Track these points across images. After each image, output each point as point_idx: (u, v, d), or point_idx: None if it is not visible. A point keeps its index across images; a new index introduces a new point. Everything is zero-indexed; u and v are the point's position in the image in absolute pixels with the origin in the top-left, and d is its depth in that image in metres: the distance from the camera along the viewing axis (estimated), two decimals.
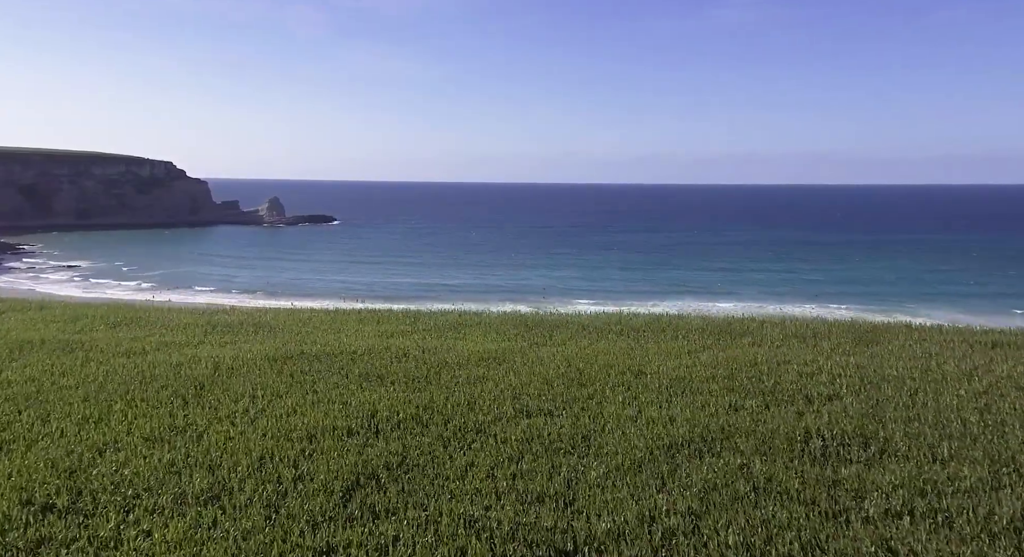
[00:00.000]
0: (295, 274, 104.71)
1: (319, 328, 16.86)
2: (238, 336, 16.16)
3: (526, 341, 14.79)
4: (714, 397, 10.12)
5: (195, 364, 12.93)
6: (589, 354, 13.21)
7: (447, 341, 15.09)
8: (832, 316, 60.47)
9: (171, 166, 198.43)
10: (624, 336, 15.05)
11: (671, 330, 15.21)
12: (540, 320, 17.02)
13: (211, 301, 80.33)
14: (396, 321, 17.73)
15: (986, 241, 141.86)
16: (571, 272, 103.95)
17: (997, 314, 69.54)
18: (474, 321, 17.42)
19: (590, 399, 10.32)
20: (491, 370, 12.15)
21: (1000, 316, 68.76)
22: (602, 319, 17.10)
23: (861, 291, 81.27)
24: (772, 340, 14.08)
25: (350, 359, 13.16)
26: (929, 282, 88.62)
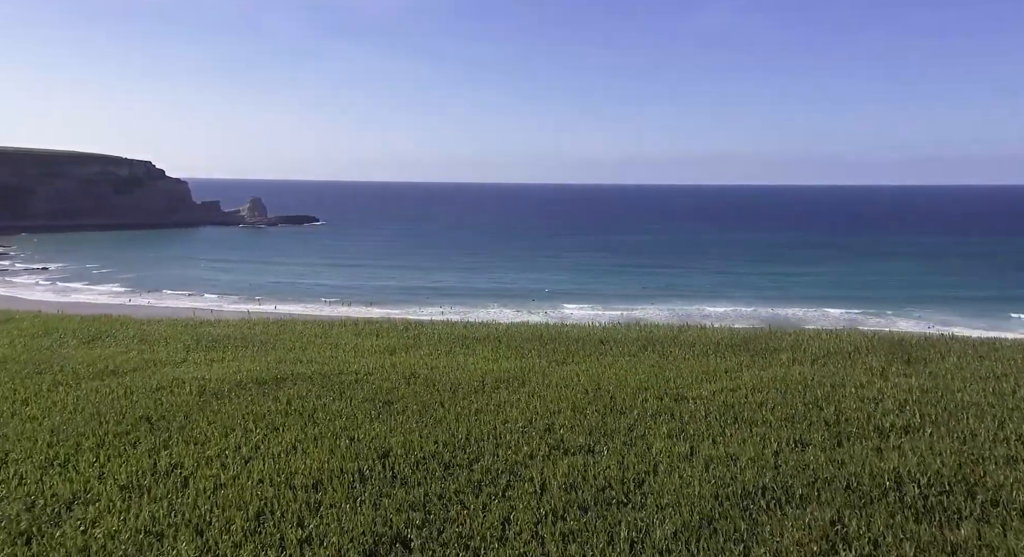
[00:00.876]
0: (278, 276, 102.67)
1: (313, 343, 15.53)
2: (225, 352, 14.79)
3: (543, 358, 13.58)
4: (773, 429, 8.95)
5: (178, 388, 11.56)
6: (616, 374, 12.03)
7: (456, 358, 13.84)
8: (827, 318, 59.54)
9: (150, 166, 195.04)
10: (649, 352, 13.89)
11: (700, 345, 14.06)
12: (554, 333, 15.79)
13: (192, 305, 78.27)
14: (396, 334, 16.44)
15: (978, 243, 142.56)
16: (559, 274, 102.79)
17: (993, 318, 69.43)
18: (482, 334, 16.18)
19: (631, 431, 9.11)
20: (512, 394, 10.92)
21: (996, 320, 68.59)
22: (620, 332, 15.92)
23: (854, 295, 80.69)
24: (812, 356, 12.98)
25: (352, 381, 11.86)
26: (922, 284, 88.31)
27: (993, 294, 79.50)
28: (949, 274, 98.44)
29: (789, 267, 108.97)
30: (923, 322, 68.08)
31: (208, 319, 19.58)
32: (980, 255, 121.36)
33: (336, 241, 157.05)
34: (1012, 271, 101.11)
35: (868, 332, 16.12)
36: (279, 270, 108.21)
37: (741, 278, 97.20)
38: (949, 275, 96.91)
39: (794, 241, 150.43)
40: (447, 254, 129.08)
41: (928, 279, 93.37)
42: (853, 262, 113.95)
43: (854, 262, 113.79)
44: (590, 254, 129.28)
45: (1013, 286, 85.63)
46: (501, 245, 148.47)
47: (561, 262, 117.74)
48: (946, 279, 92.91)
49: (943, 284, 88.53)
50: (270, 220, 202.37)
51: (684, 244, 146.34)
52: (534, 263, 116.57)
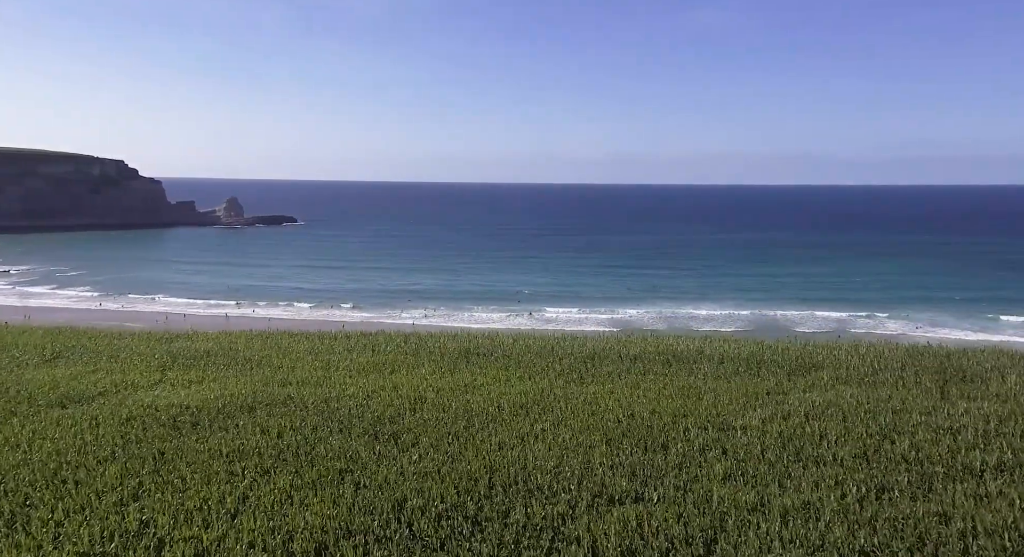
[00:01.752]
0: (256, 279, 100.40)
1: (303, 359, 14.14)
2: (205, 371, 13.36)
3: (560, 377, 12.34)
4: (847, 470, 7.75)
5: (152, 418, 10.14)
6: (647, 397, 10.82)
7: (463, 376, 12.54)
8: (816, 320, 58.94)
9: (123, 165, 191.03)
10: (675, 368, 12.72)
11: (729, 361, 12.89)
12: (567, 348, 14.52)
13: (166, 309, 75.93)
14: (394, 348, 15.08)
15: (962, 243, 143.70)
16: (540, 276, 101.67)
17: (980, 319, 69.34)
18: (487, 347, 14.88)
19: (680, 470, 7.86)
20: (534, 423, 9.65)
21: (983, 321, 68.56)
22: (638, 344, 14.72)
23: (844, 297, 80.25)
24: (858, 375, 11.88)
25: (351, 407, 10.52)
26: (909, 285, 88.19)
27: (979, 295, 79.56)
28: (935, 274, 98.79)
29: (773, 268, 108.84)
30: (911, 324, 68.04)
31: (185, 331, 18.07)
32: (964, 255, 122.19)
33: (315, 242, 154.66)
34: (996, 271, 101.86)
35: (907, 345, 15.05)
36: (257, 272, 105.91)
37: (726, 279, 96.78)
38: (935, 275, 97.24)
39: (777, 241, 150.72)
40: (426, 255, 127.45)
41: (914, 280, 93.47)
42: (838, 262, 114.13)
43: (839, 262, 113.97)
44: (572, 255, 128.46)
45: (997, 287, 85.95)
46: (481, 246, 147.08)
47: (542, 263, 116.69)
48: (932, 280, 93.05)
49: (930, 285, 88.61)
50: (247, 220, 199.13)
51: (667, 245, 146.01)
52: (515, 264, 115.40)
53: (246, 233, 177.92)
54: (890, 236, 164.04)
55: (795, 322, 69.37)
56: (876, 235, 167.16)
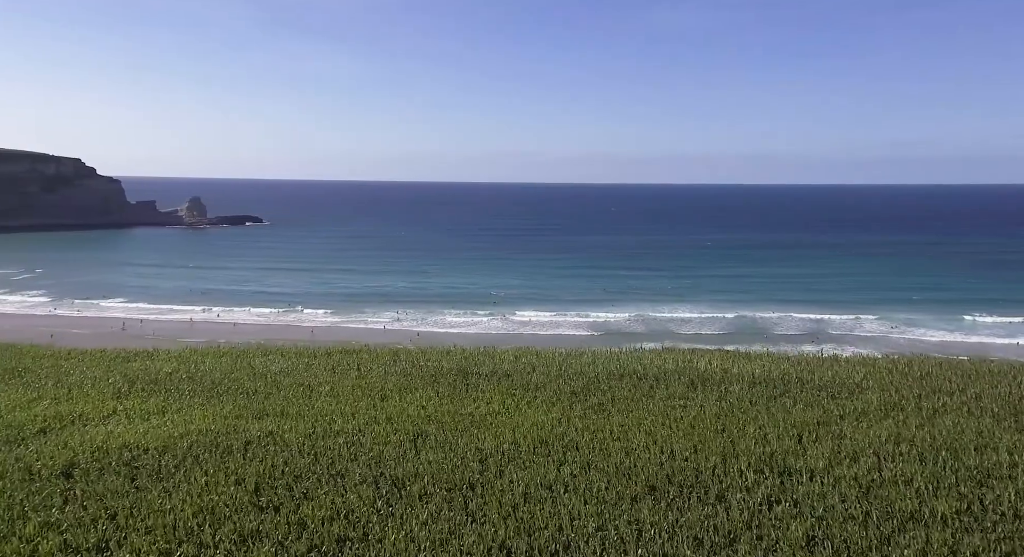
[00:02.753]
0: (221, 282, 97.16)
1: (279, 382, 12.48)
2: (168, 399, 11.64)
3: (575, 402, 10.93)
4: (958, 532, 6.47)
5: (101, 462, 8.47)
6: (682, 428, 9.46)
7: (465, 403, 11.05)
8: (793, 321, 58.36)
9: (79, 163, 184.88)
10: (702, 392, 11.38)
11: (762, 383, 11.58)
12: (574, 366, 13.09)
13: (124, 316, 72.51)
14: (381, 368, 13.49)
15: (934, 243, 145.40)
16: (512, 278, 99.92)
17: (951, 319, 69.66)
18: (486, 366, 13.39)
19: (750, 530, 6.49)
20: (560, 464, 8.20)
21: (954, 321, 69.00)
22: (654, 361, 13.35)
23: (820, 298, 79.97)
24: (907, 398, 10.65)
25: (343, 446, 8.97)
26: (882, 286, 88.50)
27: (953, 296, 79.95)
28: (908, 274, 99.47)
29: (747, 268, 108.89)
30: (888, 323, 68.15)
31: (144, 349, 16.20)
32: (937, 254, 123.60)
33: (281, 243, 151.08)
34: (968, 270, 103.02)
35: (939, 358, 13.89)
36: (221, 275, 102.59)
37: (701, 281, 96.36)
38: (908, 275, 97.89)
39: (749, 242, 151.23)
40: (393, 256, 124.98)
41: (888, 280, 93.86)
42: (811, 263, 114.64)
43: (812, 263, 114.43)
44: (541, 255, 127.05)
45: (970, 287, 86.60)
46: (449, 246, 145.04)
47: (512, 264, 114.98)
48: (906, 279, 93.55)
49: (904, 285, 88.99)
50: (210, 221, 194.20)
51: (639, 245, 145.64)
52: (484, 265, 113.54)
53: (209, 234, 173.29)
54: (861, 236, 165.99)
55: (773, 324, 69.02)
56: (848, 235, 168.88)
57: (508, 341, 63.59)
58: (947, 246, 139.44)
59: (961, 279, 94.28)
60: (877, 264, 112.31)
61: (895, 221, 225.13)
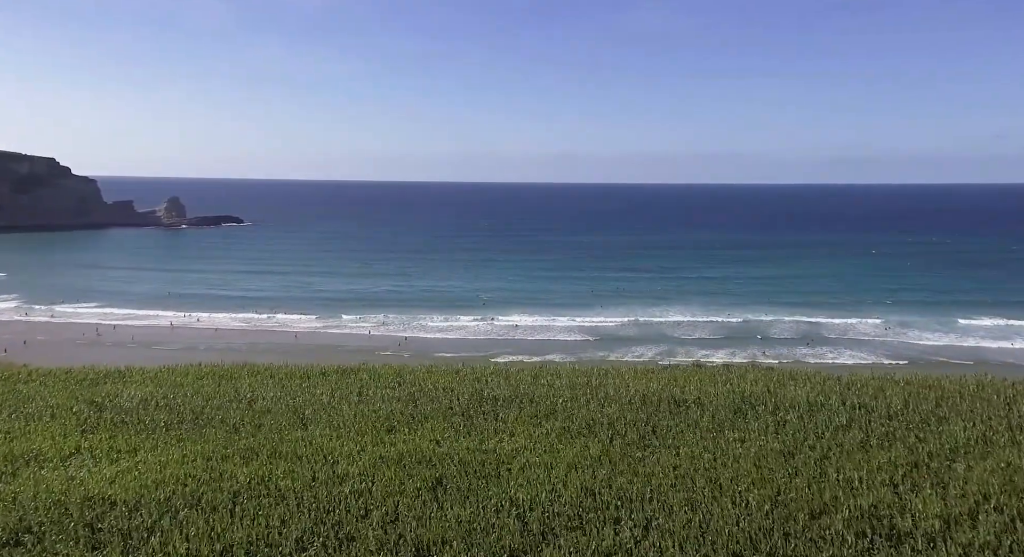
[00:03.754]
0: (200, 285, 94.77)
1: (272, 410, 11.01)
2: (141, 433, 10.12)
3: (614, 435, 9.57)
4: None
5: (60, 523, 7.00)
6: (746, 467, 8.12)
7: (488, 438, 9.63)
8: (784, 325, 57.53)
9: (54, 163, 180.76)
10: (754, 420, 10.06)
11: (823, 409, 10.23)
12: (604, 388, 11.68)
13: (98, 321, 69.85)
14: (384, 391, 12.00)
15: (918, 243, 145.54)
16: (500, 279, 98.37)
17: (943, 320, 69.06)
18: (503, 389, 11.98)
19: None
20: (618, 524, 6.85)
21: (946, 322, 68.39)
22: (690, 381, 12.01)
23: (807, 299, 79.07)
24: (1006, 426, 9.33)
25: (348, 496, 7.55)
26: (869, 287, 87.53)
27: (942, 298, 79.19)
28: (894, 274, 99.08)
29: (733, 268, 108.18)
30: (881, 326, 67.51)
31: (118, 367, 14.57)
32: (920, 254, 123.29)
33: (261, 244, 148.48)
34: (952, 270, 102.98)
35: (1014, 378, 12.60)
36: (200, 278, 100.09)
37: (689, 282, 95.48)
38: (895, 275, 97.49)
39: (730, 242, 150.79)
40: (377, 258, 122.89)
41: (875, 281, 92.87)
42: (797, 263, 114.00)
43: (798, 263, 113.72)
44: (525, 256, 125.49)
45: (956, 289, 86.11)
46: (431, 247, 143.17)
47: (496, 265, 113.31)
48: (894, 280, 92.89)
49: (892, 285, 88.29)
50: (189, 221, 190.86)
51: (625, 245, 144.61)
52: (468, 267, 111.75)
53: (188, 235, 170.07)
54: (840, 235, 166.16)
55: (767, 326, 68.12)
56: (825, 235, 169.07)
57: (499, 347, 62.57)
58: (927, 245, 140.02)
59: (949, 279, 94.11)
60: (860, 264, 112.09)
61: (869, 220, 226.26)
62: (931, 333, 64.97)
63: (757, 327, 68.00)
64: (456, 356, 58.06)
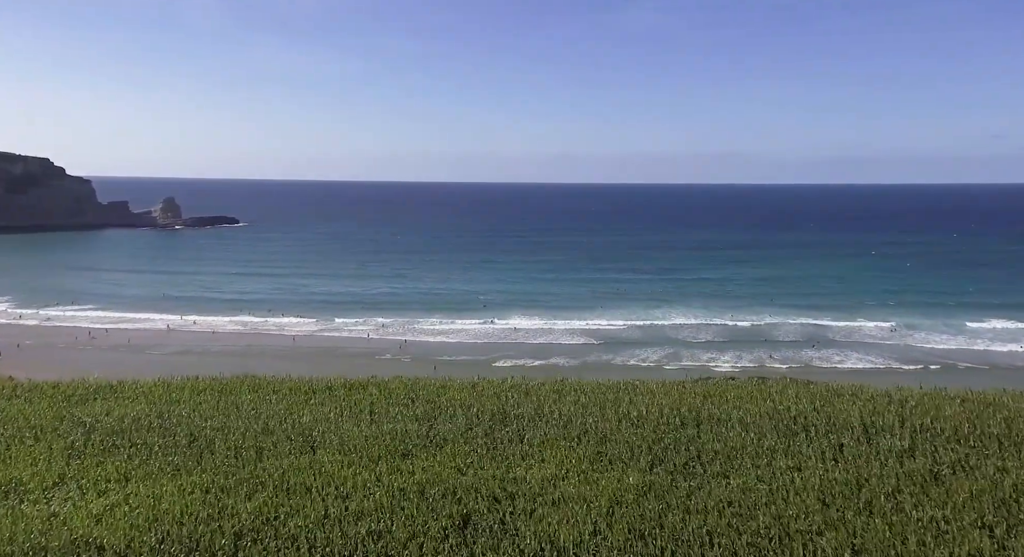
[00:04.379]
0: (196, 287, 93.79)
1: (272, 430, 10.14)
2: (131, 457, 9.23)
3: (654, 460, 8.68)
4: None
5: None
6: (810, 506, 7.24)
7: (514, 464, 8.75)
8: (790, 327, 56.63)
9: (48, 163, 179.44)
10: (806, 443, 9.18)
11: (881, 436, 9.33)
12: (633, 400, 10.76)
13: (93, 325, 68.52)
14: (397, 409, 11.12)
15: (915, 243, 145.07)
16: (502, 281, 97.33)
17: (951, 322, 68.10)
18: (526, 406, 11.11)
19: None
20: None
21: (955, 325, 67.53)
22: (723, 396, 11.10)
23: (810, 302, 78.20)
24: None
25: (363, 538, 6.66)
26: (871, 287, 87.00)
27: (946, 300, 78.14)
28: (896, 274, 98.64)
29: (734, 269, 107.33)
30: (886, 328, 66.73)
31: (108, 382, 13.68)
32: (921, 254, 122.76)
33: (258, 245, 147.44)
34: (954, 269, 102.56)
35: None
36: (196, 280, 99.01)
37: (689, 283, 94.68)
38: (899, 276, 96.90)
39: (729, 242, 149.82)
40: (374, 259, 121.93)
41: (879, 282, 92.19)
42: (797, 263, 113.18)
43: (798, 263, 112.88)
44: (526, 257, 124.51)
45: (959, 289, 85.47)
46: (428, 248, 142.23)
47: (494, 267, 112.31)
48: (897, 282, 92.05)
49: (895, 287, 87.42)
50: (185, 222, 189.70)
51: (623, 246, 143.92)
52: (466, 268, 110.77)
53: (184, 235, 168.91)
54: (841, 235, 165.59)
55: (772, 328, 67.36)
56: (827, 234, 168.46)
57: (501, 350, 61.68)
58: (928, 246, 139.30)
59: (950, 280, 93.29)
60: (860, 264, 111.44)
61: (867, 220, 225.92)
62: (938, 335, 64.25)
63: (761, 329, 67.27)
64: (458, 360, 57.40)
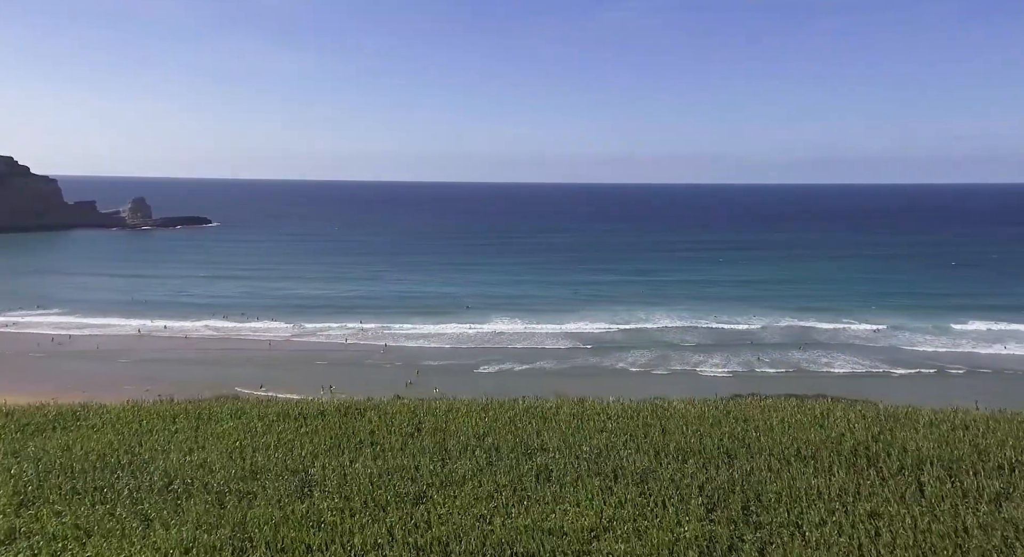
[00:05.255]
0: (166, 290, 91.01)
1: (261, 471, 8.82)
2: (94, 504, 7.84)
3: (711, 507, 7.54)
4: None
5: None
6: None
7: (545, 510, 7.55)
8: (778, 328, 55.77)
9: (11, 162, 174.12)
10: (879, 482, 8.08)
11: (964, 473, 8.19)
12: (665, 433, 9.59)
13: (57, 332, 65.50)
14: (400, 438, 9.82)
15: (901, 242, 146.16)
16: (481, 283, 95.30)
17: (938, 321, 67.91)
18: (548, 436, 9.91)
19: None
20: None
21: (941, 325, 67.40)
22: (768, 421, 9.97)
23: (796, 304, 77.67)
24: None
25: None
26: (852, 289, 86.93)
27: (928, 302, 77.82)
28: (874, 274, 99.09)
29: (716, 269, 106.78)
30: (872, 329, 66.44)
31: (68, 407, 12.13)
32: (900, 255, 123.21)
33: (231, 246, 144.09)
34: (933, 270, 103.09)
35: None
36: (167, 282, 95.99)
37: (672, 284, 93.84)
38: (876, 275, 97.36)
39: (702, 243, 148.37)
40: (349, 260, 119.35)
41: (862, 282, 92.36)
42: (776, 263, 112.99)
43: (777, 264, 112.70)
44: (503, 258, 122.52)
45: (940, 291, 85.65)
46: (403, 248, 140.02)
47: (474, 268, 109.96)
48: (877, 283, 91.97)
49: (877, 290, 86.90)
50: (155, 222, 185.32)
51: (601, 246, 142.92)
52: (443, 269, 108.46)
53: (154, 236, 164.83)
54: (821, 235, 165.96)
55: (758, 330, 66.76)
56: (804, 234, 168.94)
57: (486, 355, 60.16)
58: (906, 246, 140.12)
59: (931, 281, 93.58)
60: (841, 264, 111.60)
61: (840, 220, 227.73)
62: (922, 336, 64.09)
63: (747, 331, 66.65)
64: (442, 365, 55.87)
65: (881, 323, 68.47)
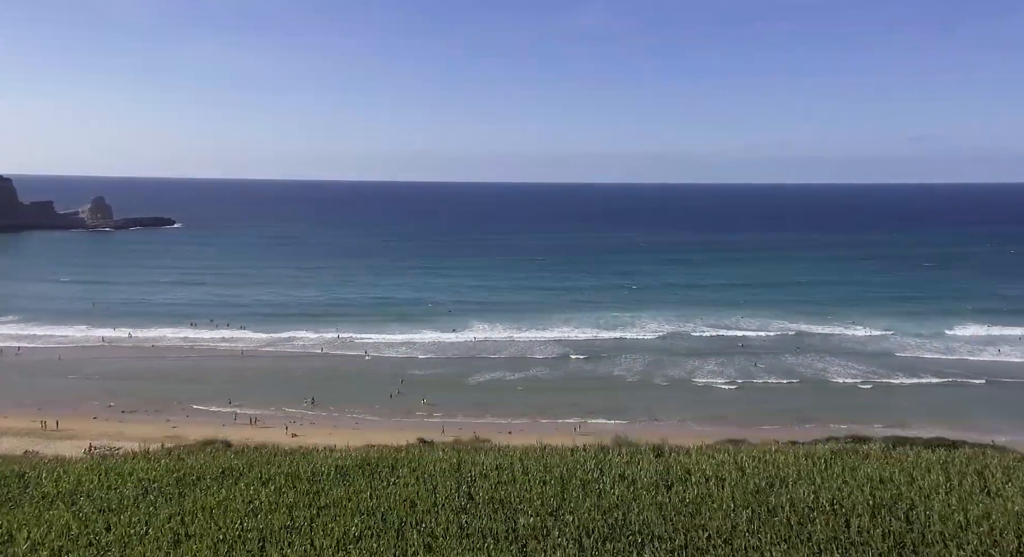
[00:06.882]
0: (130, 293, 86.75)
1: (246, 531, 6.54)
2: None
3: None
4: None
5: None
6: None
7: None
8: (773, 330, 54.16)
9: None
10: None
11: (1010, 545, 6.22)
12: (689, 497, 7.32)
13: (16, 344, 60.77)
14: (452, 514, 7.57)
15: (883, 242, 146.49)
16: (459, 288, 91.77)
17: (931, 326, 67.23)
18: (622, 489, 7.75)
19: None
20: None
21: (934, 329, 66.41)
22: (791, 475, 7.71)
23: (781, 307, 76.69)
24: None
25: None
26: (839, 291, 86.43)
27: (920, 308, 76.72)
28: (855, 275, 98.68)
29: (700, 270, 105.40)
30: (866, 333, 65.36)
31: (20, 467, 9.56)
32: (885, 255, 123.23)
33: (196, 248, 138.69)
34: (915, 271, 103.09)
35: None
36: (129, 287, 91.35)
37: (655, 286, 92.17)
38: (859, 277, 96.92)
39: (677, 244, 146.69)
40: (321, 264, 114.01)
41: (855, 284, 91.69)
42: (755, 264, 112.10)
43: (759, 265, 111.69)
44: (480, 260, 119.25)
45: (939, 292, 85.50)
46: (375, 250, 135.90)
47: (453, 272, 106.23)
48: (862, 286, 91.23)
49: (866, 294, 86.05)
50: (116, 223, 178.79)
51: (582, 249, 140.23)
52: (418, 273, 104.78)
53: (115, 238, 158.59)
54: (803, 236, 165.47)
55: (749, 334, 65.34)
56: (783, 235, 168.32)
57: (475, 365, 57.20)
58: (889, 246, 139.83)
59: (919, 283, 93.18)
60: (824, 264, 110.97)
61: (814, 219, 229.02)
62: (913, 339, 63.22)
63: (737, 336, 65.14)
64: (430, 374, 52.88)
65: (870, 328, 67.45)
